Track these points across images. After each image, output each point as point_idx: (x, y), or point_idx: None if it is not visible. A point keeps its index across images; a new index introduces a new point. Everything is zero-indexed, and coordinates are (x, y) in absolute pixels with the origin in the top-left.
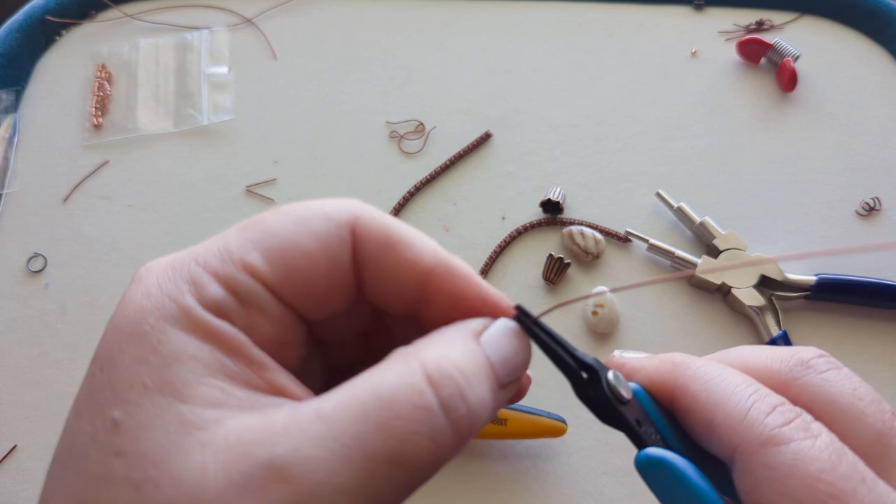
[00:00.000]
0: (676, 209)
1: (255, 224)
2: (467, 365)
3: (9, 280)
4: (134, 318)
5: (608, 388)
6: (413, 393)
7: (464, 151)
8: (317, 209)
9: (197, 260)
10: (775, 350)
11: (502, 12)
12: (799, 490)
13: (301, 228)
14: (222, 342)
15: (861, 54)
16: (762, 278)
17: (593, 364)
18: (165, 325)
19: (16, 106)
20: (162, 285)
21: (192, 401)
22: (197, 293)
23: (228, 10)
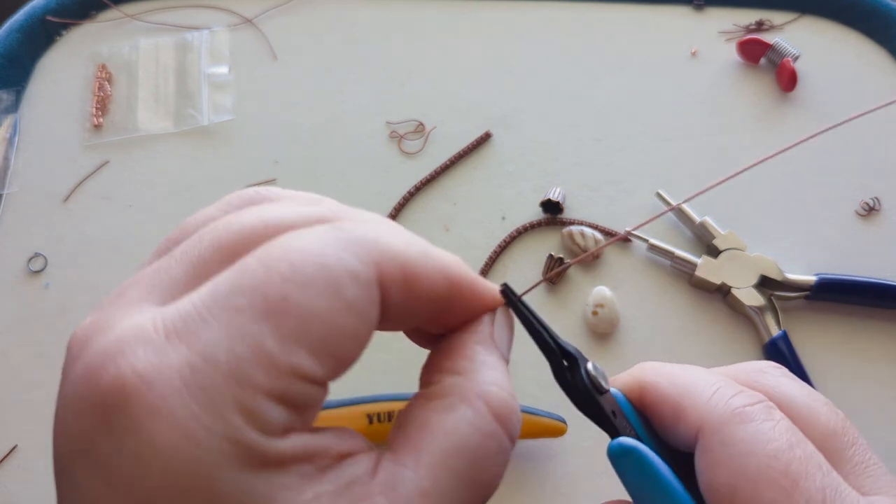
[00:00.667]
0: (676, 209)
1: (280, 306)
2: (506, 381)
3: (9, 280)
4: (192, 475)
5: (587, 375)
6: (493, 439)
7: (464, 151)
8: (342, 269)
9: (232, 376)
10: (736, 364)
11: (502, 12)
12: (754, 468)
13: (336, 304)
14: (297, 458)
15: (861, 54)
16: (762, 278)
17: (574, 352)
18: (238, 472)
19: (16, 106)
20: (205, 423)
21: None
22: (257, 423)
23: (228, 10)
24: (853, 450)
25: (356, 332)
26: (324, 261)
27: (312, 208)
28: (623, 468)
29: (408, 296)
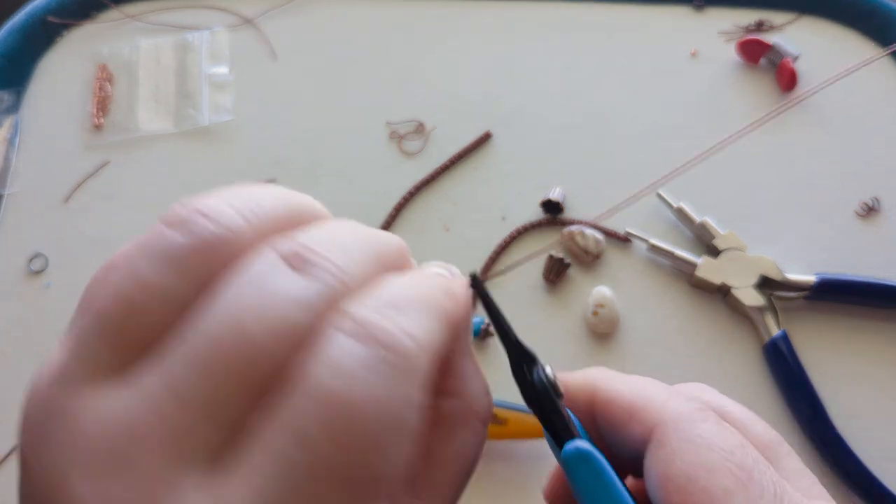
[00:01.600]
0: (676, 209)
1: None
2: (484, 379)
3: (10, 280)
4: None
5: (545, 376)
6: (482, 441)
7: (464, 151)
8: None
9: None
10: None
11: (502, 12)
12: (712, 460)
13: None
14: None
15: (861, 54)
16: (762, 278)
17: (532, 353)
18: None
19: (17, 106)
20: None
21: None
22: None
23: (228, 11)
24: (789, 458)
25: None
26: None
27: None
28: (577, 473)
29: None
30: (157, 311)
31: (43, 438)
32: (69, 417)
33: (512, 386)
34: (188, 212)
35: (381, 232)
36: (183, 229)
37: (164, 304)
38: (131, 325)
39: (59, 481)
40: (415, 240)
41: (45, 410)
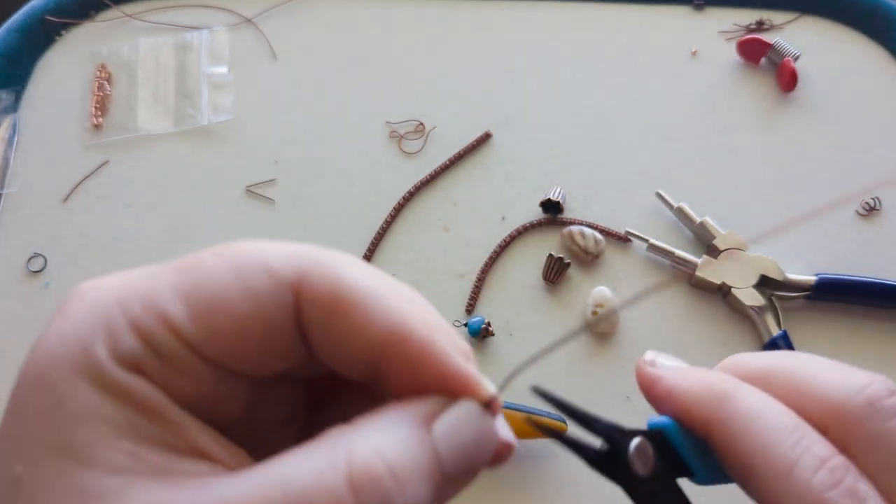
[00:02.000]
0: (676, 209)
1: (191, 267)
2: (404, 463)
3: (9, 280)
4: (46, 364)
5: (625, 465)
6: (328, 498)
7: (464, 151)
8: (259, 260)
9: (120, 301)
10: (839, 374)
11: (502, 12)
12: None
13: (237, 283)
14: (134, 401)
15: (861, 54)
16: (762, 278)
17: (613, 431)
18: (74, 378)
19: (16, 106)
20: (79, 328)
21: (94, 466)
22: (111, 343)
23: (228, 10)
24: (871, 422)
25: (248, 319)
26: (250, 250)
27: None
28: None
29: (332, 323)
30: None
31: None
32: None
33: (512, 387)
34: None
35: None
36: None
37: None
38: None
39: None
40: (415, 240)
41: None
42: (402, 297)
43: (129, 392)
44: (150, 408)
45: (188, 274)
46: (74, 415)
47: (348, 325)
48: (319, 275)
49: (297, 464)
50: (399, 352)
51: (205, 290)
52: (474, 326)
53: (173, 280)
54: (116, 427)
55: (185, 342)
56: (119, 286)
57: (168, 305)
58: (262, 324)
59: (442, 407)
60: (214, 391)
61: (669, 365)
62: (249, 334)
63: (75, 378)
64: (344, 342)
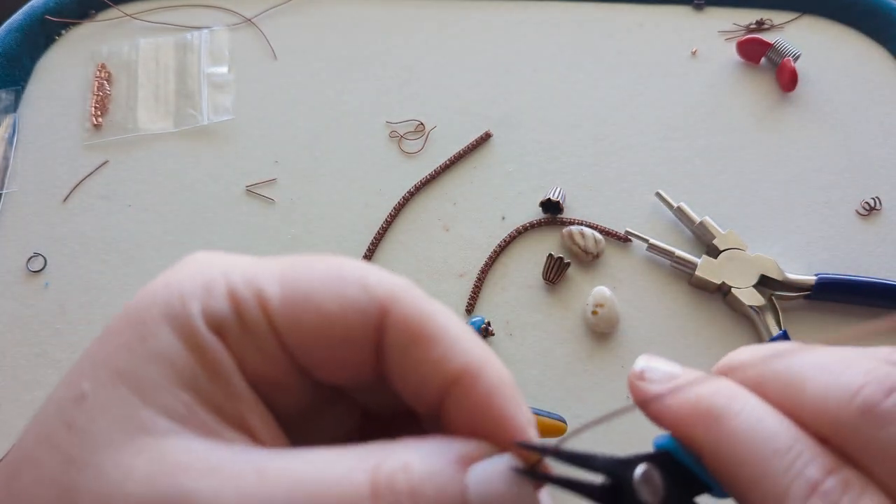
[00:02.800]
0: (676, 209)
1: (297, 263)
2: (427, 489)
3: (8, 280)
4: (144, 304)
5: (634, 495)
6: (349, 497)
7: (464, 151)
8: (359, 274)
9: (225, 270)
10: (832, 377)
11: (502, 12)
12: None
13: (333, 286)
14: (206, 358)
15: (861, 54)
16: (762, 278)
17: (616, 469)
18: (163, 321)
19: (15, 106)
20: (183, 282)
21: (153, 404)
22: (206, 302)
23: (228, 10)
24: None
25: (332, 317)
26: (351, 264)
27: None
28: None
29: (411, 349)
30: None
31: None
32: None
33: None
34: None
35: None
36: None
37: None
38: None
39: None
40: (415, 240)
41: None
42: (478, 342)
43: (205, 349)
44: (217, 370)
45: (291, 266)
46: (151, 353)
47: (427, 354)
48: (409, 302)
49: (333, 457)
50: (467, 390)
51: (302, 283)
52: (474, 326)
53: (276, 268)
54: (182, 377)
55: (270, 321)
56: (229, 260)
57: (265, 284)
58: (345, 329)
59: (486, 453)
60: (281, 380)
61: (661, 375)
62: (331, 335)
63: (164, 322)
64: (418, 369)
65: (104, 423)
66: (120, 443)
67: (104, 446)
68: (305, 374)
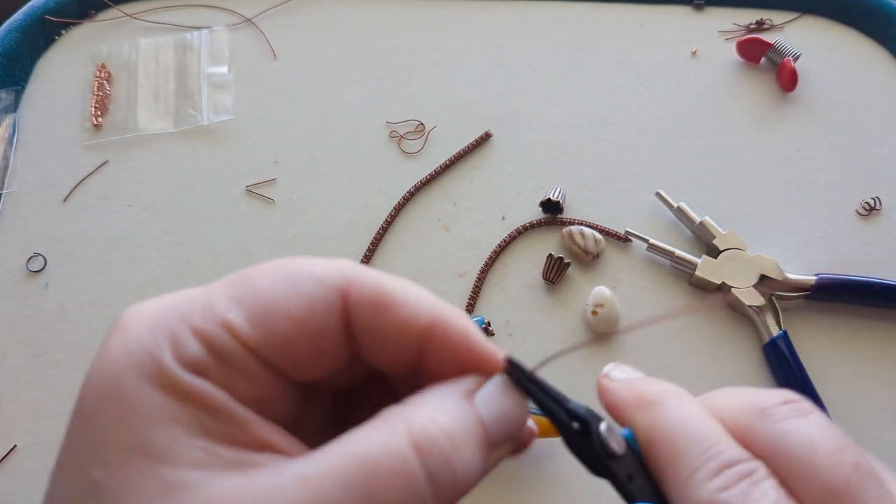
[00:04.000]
0: (676, 209)
1: (245, 279)
2: (456, 429)
3: (8, 280)
4: (113, 374)
5: (598, 441)
6: (397, 461)
7: (464, 151)
8: (307, 270)
9: (180, 313)
10: (748, 394)
11: (502, 12)
12: None
13: (289, 290)
14: (201, 401)
15: (861, 54)
16: (762, 278)
17: (585, 415)
18: (144, 384)
19: (15, 105)
20: (142, 339)
21: (173, 463)
22: (175, 350)
23: (228, 10)
24: (872, 498)
25: (301, 321)
26: (296, 261)
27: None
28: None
29: (380, 320)
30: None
31: None
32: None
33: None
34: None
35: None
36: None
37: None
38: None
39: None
40: (415, 240)
41: None
42: (434, 297)
43: (195, 394)
44: (216, 407)
45: (240, 285)
46: (148, 418)
47: (393, 319)
48: (362, 278)
49: (363, 438)
50: (440, 338)
51: (260, 297)
52: None
53: (227, 292)
54: (188, 427)
55: (244, 345)
56: (174, 302)
57: (226, 312)
58: (315, 325)
59: (479, 383)
60: (270, 392)
61: (623, 377)
62: (303, 335)
63: (144, 384)
64: (389, 335)
65: (135, 500)
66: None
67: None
68: (289, 379)
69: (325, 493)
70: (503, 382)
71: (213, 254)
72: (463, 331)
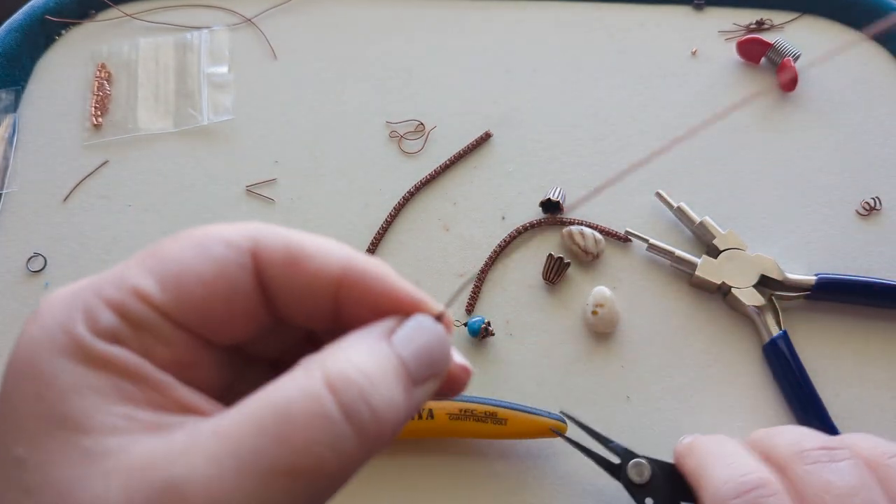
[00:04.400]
0: (676, 209)
1: (154, 251)
2: (372, 366)
3: (8, 280)
4: (28, 352)
5: (625, 472)
6: (310, 402)
7: (464, 151)
8: (216, 235)
9: (93, 289)
10: (800, 434)
11: (502, 12)
12: None
13: (199, 253)
14: (117, 368)
15: (861, 54)
16: (762, 278)
17: (621, 452)
18: (58, 357)
19: (15, 105)
20: (56, 316)
21: (93, 431)
22: (89, 322)
23: (228, 10)
24: None
25: (214, 283)
26: (205, 228)
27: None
28: None
29: (292, 275)
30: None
31: None
32: None
33: (512, 387)
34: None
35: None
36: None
37: None
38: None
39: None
40: (415, 240)
41: None
42: (343, 246)
43: (112, 361)
44: (133, 373)
45: (151, 255)
46: (64, 390)
47: (305, 271)
48: (271, 237)
49: (279, 386)
50: (355, 284)
51: (170, 263)
52: (474, 326)
53: (138, 263)
54: (106, 395)
55: (157, 310)
56: (89, 282)
57: (136, 281)
58: (227, 285)
59: (398, 323)
60: (192, 356)
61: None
62: (216, 296)
63: (60, 357)
64: (304, 288)
65: (58, 473)
66: (83, 477)
67: (71, 489)
68: (209, 344)
69: (240, 442)
70: (422, 321)
71: None
72: (376, 275)
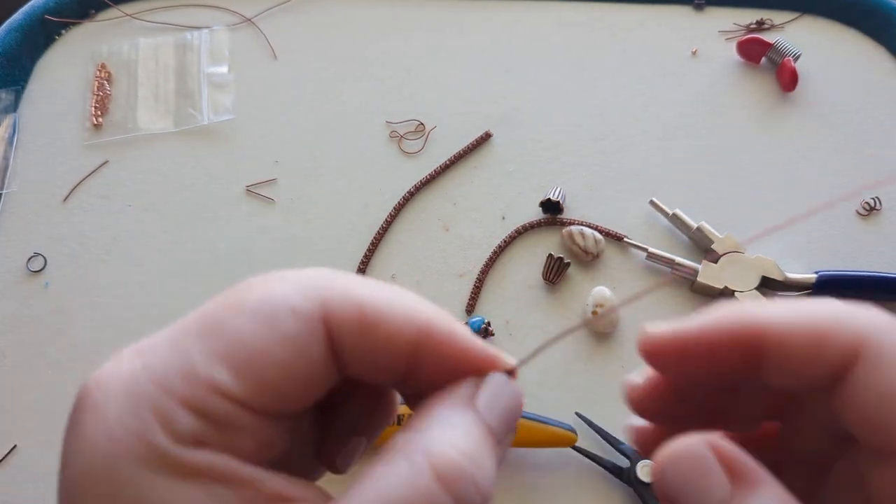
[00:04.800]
0: (672, 216)
1: (215, 325)
2: (472, 445)
3: (8, 280)
4: (103, 468)
5: (634, 471)
6: (425, 498)
7: (464, 151)
8: (282, 303)
9: (157, 383)
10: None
11: (502, 12)
12: None
13: (269, 333)
14: (208, 475)
15: (861, 54)
16: (763, 279)
17: (630, 454)
18: (142, 472)
19: (15, 105)
20: (125, 422)
21: None
22: (167, 427)
23: (228, 10)
24: None
25: (289, 363)
26: (268, 295)
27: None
28: None
29: (366, 338)
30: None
31: None
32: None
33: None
34: None
35: None
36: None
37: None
38: None
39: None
40: (415, 240)
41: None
42: (415, 301)
43: (201, 469)
44: (223, 475)
45: (215, 336)
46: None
47: (379, 337)
48: (341, 299)
49: (387, 480)
50: (429, 348)
51: (240, 349)
52: (474, 326)
53: (202, 346)
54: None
55: (236, 403)
56: (145, 367)
57: (211, 373)
58: (303, 363)
59: (476, 386)
60: (268, 436)
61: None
62: (293, 377)
63: (143, 470)
64: (377, 352)
65: None
66: None
67: None
68: (281, 417)
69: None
70: (499, 382)
71: (213, 254)
72: (451, 336)
